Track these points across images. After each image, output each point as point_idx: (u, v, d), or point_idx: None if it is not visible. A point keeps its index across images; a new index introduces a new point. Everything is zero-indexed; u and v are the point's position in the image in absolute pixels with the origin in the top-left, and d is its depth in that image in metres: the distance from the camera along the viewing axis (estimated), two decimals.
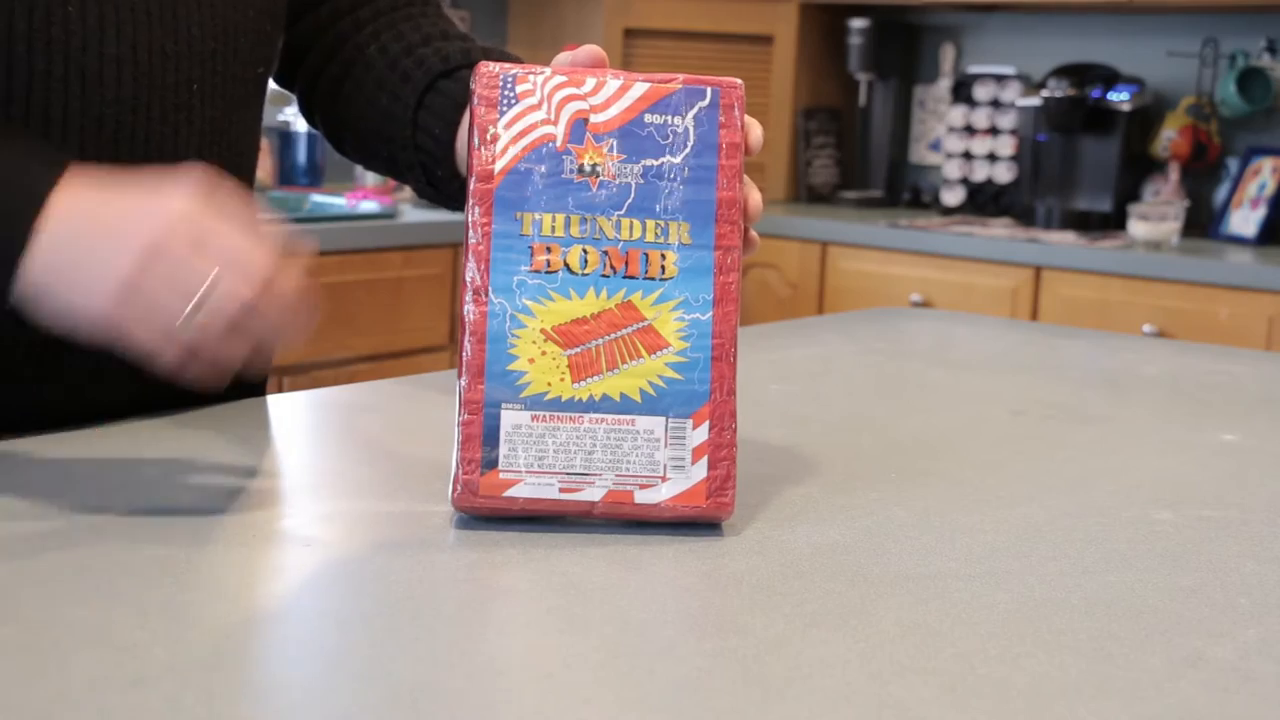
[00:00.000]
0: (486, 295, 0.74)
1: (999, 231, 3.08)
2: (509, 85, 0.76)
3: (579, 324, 0.75)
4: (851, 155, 3.75)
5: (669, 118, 0.76)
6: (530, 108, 0.76)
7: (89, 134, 0.86)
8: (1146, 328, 2.75)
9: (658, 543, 0.74)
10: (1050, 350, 1.46)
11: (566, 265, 0.75)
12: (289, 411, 1.02)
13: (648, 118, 0.76)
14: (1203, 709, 0.57)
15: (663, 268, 0.75)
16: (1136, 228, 2.95)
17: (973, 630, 0.63)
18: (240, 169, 0.99)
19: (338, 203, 2.91)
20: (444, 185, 0.98)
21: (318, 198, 2.97)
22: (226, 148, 0.96)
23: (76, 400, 0.91)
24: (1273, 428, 1.11)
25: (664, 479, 0.74)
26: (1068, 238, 3.02)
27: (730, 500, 0.76)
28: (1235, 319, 2.67)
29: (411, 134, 0.97)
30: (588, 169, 0.75)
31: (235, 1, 0.94)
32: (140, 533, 0.72)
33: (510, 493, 0.74)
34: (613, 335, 0.75)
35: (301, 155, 3.18)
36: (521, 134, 0.76)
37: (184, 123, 0.91)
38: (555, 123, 0.76)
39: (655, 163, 0.75)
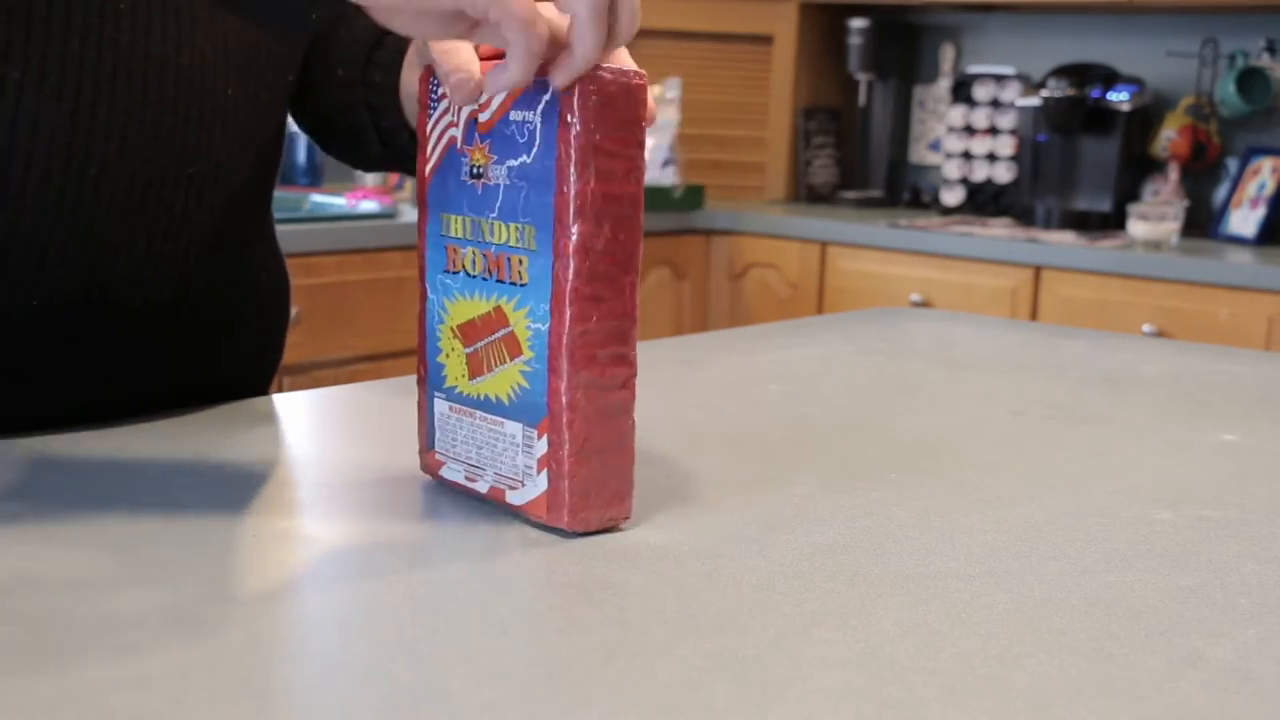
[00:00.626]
0: (425, 288, 0.80)
1: (999, 231, 3.08)
2: (434, 86, 0.77)
3: (472, 324, 0.77)
4: (851, 155, 3.75)
5: (525, 114, 0.72)
6: (445, 110, 0.77)
7: (130, 132, 0.87)
8: (1146, 328, 2.75)
9: (658, 543, 0.74)
10: (1050, 350, 1.46)
11: (464, 268, 0.77)
12: (289, 411, 1.02)
13: (513, 115, 0.72)
14: (1203, 709, 0.57)
15: (520, 273, 0.74)
16: (1136, 228, 2.96)
17: (973, 630, 0.64)
18: (265, 172, 1.01)
19: (337, 203, 2.91)
20: (392, 138, 1.00)
21: (317, 198, 2.97)
22: (255, 152, 0.98)
23: (76, 401, 0.92)
24: (1273, 428, 1.11)
25: (522, 484, 0.76)
26: (1067, 238, 3.02)
27: (565, 516, 0.73)
28: (1235, 319, 2.67)
29: (363, 93, 0.99)
30: (476, 171, 0.75)
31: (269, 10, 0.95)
32: (140, 533, 0.72)
33: (440, 472, 0.82)
34: (490, 338, 0.76)
35: (301, 155, 3.18)
36: (440, 136, 0.77)
37: (218, 126, 0.92)
38: (457, 124, 0.76)
39: (515, 163, 0.73)
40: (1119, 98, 3.18)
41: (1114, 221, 3.15)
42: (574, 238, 0.71)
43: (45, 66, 0.82)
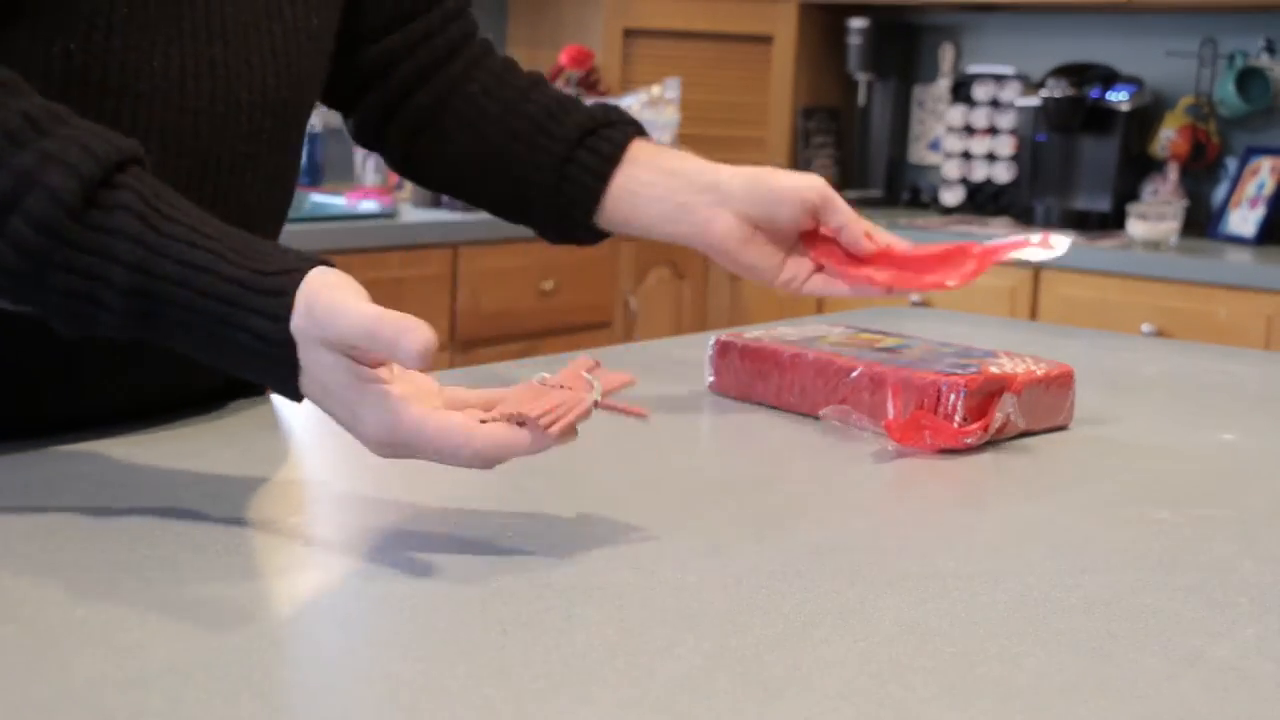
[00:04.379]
0: None
1: (998, 231, 3.08)
2: None
3: None
4: (851, 155, 3.75)
5: None
6: None
7: (164, 179, 0.86)
8: (1146, 327, 2.75)
9: (658, 542, 0.74)
10: (1050, 350, 1.45)
11: None
12: (289, 412, 1.02)
13: None
14: (1202, 709, 0.57)
15: None
16: (1135, 227, 2.96)
17: (973, 630, 0.64)
18: (286, 201, 1.01)
19: (337, 202, 2.91)
20: (574, 229, 1.07)
21: (317, 197, 2.97)
22: (282, 189, 0.98)
23: (83, 403, 0.91)
24: (1272, 427, 1.11)
25: None
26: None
27: None
28: (1234, 318, 2.68)
29: (556, 182, 1.04)
30: None
31: (307, 50, 0.94)
32: (140, 533, 0.72)
33: None
34: None
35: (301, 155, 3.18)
36: None
37: (250, 171, 0.91)
38: None
39: None
40: (1118, 97, 3.17)
41: (1113, 221, 3.15)
42: None
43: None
